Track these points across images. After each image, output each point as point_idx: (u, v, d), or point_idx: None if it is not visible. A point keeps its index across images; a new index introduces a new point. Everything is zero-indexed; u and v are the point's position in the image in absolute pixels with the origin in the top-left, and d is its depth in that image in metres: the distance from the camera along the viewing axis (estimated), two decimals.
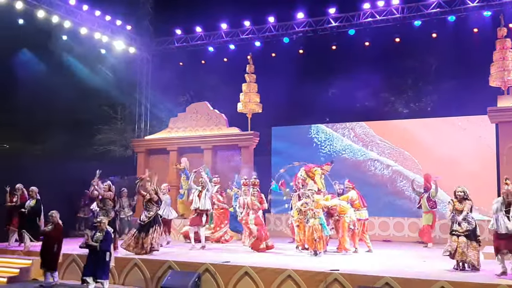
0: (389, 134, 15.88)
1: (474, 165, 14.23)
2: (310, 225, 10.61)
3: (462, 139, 14.73)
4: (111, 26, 17.54)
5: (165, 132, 17.61)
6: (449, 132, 15.01)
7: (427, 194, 12.70)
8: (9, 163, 14.16)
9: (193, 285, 9.10)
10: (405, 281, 7.92)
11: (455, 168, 14.30)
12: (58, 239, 9.83)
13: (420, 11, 15.35)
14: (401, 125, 15.94)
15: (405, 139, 15.56)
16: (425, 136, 15.24)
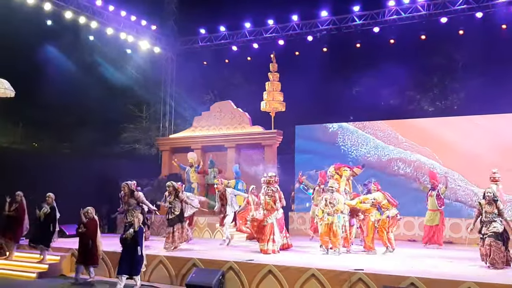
0: (414, 133, 15.64)
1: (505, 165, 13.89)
2: (326, 222, 10.63)
3: (490, 138, 14.37)
4: (136, 26, 17.77)
5: (189, 130, 17.74)
6: (476, 130, 14.66)
7: (435, 192, 12.27)
8: (38, 162, 14.43)
9: (217, 283, 9.14)
10: (431, 281, 7.80)
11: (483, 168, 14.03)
12: (93, 235, 10.02)
13: (446, 7, 15.12)
14: (427, 124, 15.69)
15: (431, 138, 15.29)
16: (451, 135, 14.91)
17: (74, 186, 13.27)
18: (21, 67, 16.47)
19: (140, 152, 20.52)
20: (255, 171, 14.58)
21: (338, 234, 10.55)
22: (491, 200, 8.76)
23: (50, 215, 11.05)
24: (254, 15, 17.73)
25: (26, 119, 19.47)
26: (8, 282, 10.37)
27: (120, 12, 17.11)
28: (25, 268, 11.10)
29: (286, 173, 16.38)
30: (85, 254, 10.08)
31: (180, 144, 17.49)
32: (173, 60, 19.44)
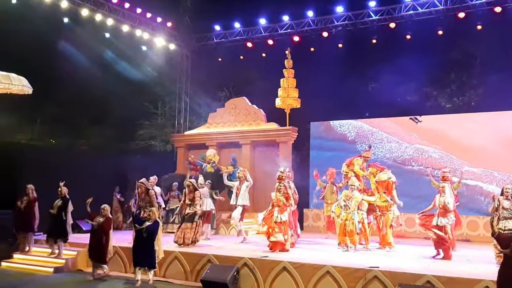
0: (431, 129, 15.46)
1: None
2: (342, 218, 10.61)
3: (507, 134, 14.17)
4: (151, 23, 17.85)
5: (204, 127, 17.78)
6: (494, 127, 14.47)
7: None
8: (55, 158, 14.58)
9: (232, 279, 9.18)
10: (448, 279, 7.74)
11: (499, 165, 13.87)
12: (107, 232, 10.12)
13: (464, 2, 14.89)
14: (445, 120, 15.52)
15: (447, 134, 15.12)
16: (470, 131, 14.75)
17: (91, 182, 13.38)
18: (39, 65, 16.69)
19: (156, 149, 20.64)
20: (271, 168, 14.60)
21: (354, 231, 10.51)
22: (510, 196, 8.65)
23: (62, 206, 11.18)
24: (269, 11, 17.68)
25: (43, 116, 19.74)
26: (25, 277, 10.52)
27: (136, 9, 17.19)
28: (42, 263, 11.27)
29: (301, 170, 16.35)
30: (95, 251, 10.16)
31: (195, 141, 17.53)
32: (188, 57, 19.49)
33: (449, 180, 10.91)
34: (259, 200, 15.02)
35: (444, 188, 9.94)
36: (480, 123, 14.63)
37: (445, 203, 9.68)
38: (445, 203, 9.68)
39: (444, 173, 10.72)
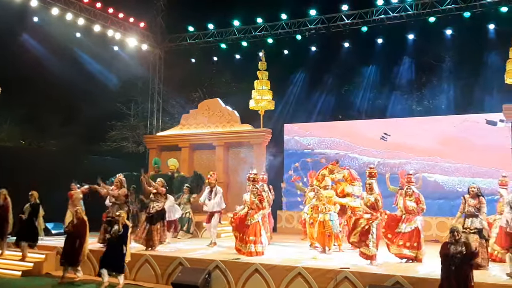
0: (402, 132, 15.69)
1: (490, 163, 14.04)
2: (320, 219, 10.65)
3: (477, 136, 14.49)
4: (124, 23, 17.65)
5: (177, 128, 17.67)
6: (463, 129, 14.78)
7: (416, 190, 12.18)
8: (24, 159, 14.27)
9: (204, 282, 9.11)
10: (417, 280, 7.85)
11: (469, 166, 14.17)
12: (82, 235, 9.93)
13: (434, 7, 15.18)
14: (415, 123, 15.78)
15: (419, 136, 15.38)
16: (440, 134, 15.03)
17: (61, 184, 13.12)
18: (8, 64, 16.32)
19: (128, 150, 20.41)
20: (244, 170, 14.54)
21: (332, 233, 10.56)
22: (474, 195, 8.84)
23: (33, 212, 10.98)
24: (243, 13, 17.69)
25: (13, 117, 19.31)
26: None
27: (108, 9, 16.97)
28: (11, 266, 10.98)
29: (275, 172, 16.38)
30: (70, 254, 9.96)
31: (168, 142, 17.41)
32: (161, 58, 19.33)
33: (375, 177, 10.45)
34: (233, 202, 14.94)
35: (372, 185, 9.55)
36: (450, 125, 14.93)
37: (376, 201, 9.33)
38: (375, 202, 9.33)
39: (371, 169, 10.23)
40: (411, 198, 9.50)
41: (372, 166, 10.41)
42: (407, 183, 9.71)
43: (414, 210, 9.43)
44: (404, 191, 9.66)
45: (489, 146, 13.80)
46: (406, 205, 9.45)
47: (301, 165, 15.65)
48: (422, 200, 9.53)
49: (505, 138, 13.33)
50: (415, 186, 9.90)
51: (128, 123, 20.74)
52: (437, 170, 14.47)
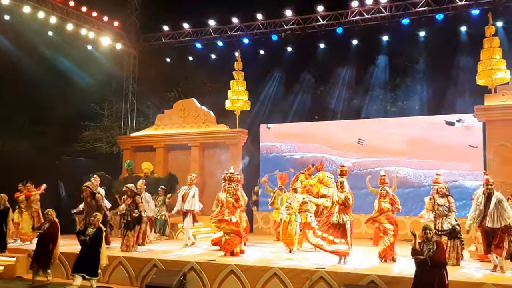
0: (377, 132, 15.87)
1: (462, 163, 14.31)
2: (285, 220, 10.68)
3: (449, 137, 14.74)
4: (97, 22, 17.40)
5: (152, 129, 17.49)
6: (436, 130, 15.03)
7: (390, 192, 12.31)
8: None
9: (179, 284, 9.05)
10: (391, 279, 7.94)
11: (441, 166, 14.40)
12: (54, 237, 9.72)
13: (408, 9, 15.37)
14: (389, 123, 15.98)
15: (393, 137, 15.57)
16: (413, 134, 15.25)
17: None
18: None
19: (102, 151, 20.09)
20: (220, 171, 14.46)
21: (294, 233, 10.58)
22: (443, 194, 8.96)
23: (1, 216, 10.71)
24: (219, 13, 17.58)
25: None
26: None
27: (81, 7, 16.69)
28: None
29: (251, 173, 16.36)
30: (41, 257, 9.75)
31: (142, 143, 17.23)
32: (136, 57, 19.10)
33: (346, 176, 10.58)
34: (209, 203, 14.85)
35: (343, 184, 9.54)
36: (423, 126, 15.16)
37: (346, 199, 9.38)
38: (344, 199, 9.38)
39: (343, 167, 10.19)
40: (385, 199, 9.57)
41: (343, 164, 10.46)
42: (381, 185, 9.80)
43: (389, 211, 9.50)
44: (378, 192, 9.73)
45: (451, 143, 14.40)
46: (381, 206, 9.52)
47: (270, 169, 15.73)
48: (397, 201, 9.62)
49: (463, 136, 14.03)
50: (390, 189, 9.99)
51: (102, 123, 20.40)
52: (405, 165, 14.93)
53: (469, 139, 14.29)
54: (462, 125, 14.41)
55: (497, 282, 7.47)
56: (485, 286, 7.44)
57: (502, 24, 14.58)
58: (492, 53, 13.31)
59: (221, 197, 10.78)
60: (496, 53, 13.33)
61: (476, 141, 14.04)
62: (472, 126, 14.19)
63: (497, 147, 12.90)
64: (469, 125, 14.29)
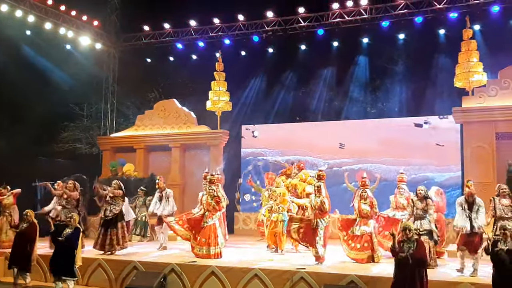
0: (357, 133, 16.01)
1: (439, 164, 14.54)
2: (272, 219, 10.71)
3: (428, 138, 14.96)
4: (76, 21, 17.19)
5: (132, 129, 17.36)
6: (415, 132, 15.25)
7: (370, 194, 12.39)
8: None
9: (159, 286, 8.99)
10: (370, 279, 8.02)
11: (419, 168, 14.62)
12: (32, 238, 9.56)
13: (387, 12, 15.53)
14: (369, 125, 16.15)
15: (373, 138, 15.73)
16: (392, 136, 15.44)
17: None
18: None
19: (81, 152, 19.85)
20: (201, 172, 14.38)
21: (282, 233, 10.63)
22: (422, 197, 9.08)
23: None
24: (200, 13, 17.51)
25: None
26: None
27: (60, 6, 16.47)
28: None
29: (232, 174, 16.35)
30: (18, 258, 9.58)
31: (122, 144, 17.08)
32: (116, 57, 18.92)
33: (324, 180, 10.59)
34: (190, 204, 14.82)
35: (320, 188, 9.56)
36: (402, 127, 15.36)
37: (321, 203, 9.39)
38: (321, 204, 9.39)
39: (320, 172, 10.22)
40: (366, 201, 9.68)
41: (321, 169, 10.54)
42: (362, 187, 9.89)
43: (368, 213, 9.61)
44: (359, 194, 9.81)
45: (420, 143, 14.91)
46: (360, 208, 9.61)
47: (254, 169, 15.77)
48: (375, 204, 9.74)
49: (430, 136, 14.78)
50: (373, 186, 10.27)
51: (81, 124, 20.16)
52: (381, 164, 15.32)
53: (436, 138, 14.79)
54: (429, 126, 14.92)
55: (474, 281, 7.58)
56: (463, 285, 7.55)
57: (480, 28, 14.83)
58: (470, 56, 13.55)
59: (200, 197, 10.73)
60: (473, 56, 13.58)
61: (441, 140, 14.65)
62: (438, 127, 14.81)
63: (474, 148, 13.14)
64: (435, 126, 14.84)
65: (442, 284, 7.65)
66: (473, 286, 7.45)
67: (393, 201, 10.45)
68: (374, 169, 14.68)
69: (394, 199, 10.44)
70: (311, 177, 11.49)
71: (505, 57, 13.80)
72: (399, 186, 10.48)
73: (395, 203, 10.39)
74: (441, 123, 14.75)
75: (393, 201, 10.44)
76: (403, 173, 10.71)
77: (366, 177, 10.11)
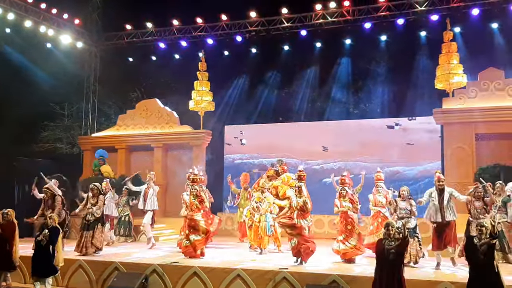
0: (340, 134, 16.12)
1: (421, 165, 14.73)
2: (256, 220, 10.74)
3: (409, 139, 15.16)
4: (57, 20, 16.95)
5: (113, 129, 17.21)
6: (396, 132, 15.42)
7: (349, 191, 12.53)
8: None
9: (140, 287, 8.90)
10: (352, 278, 8.06)
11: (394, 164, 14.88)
12: (11, 238, 9.38)
13: (370, 13, 15.65)
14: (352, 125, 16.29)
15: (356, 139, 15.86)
16: (374, 136, 15.60)
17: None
18: None
19: (62, 152, 19.60)
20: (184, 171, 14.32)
21: (265, 234, 10.65)
22: (405, 197, 9.20)
23: None
24: (183, 13, 17.42)
25: None
26: None
27: (40, 4, 16.23)
28: None
29: (215, 174, 16.31)
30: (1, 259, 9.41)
31: (104, 144, 16.90)
32: (97, 56, 18.71)
33: (305, 180, 10.64)
34: (172, 204, 14.76)
35: (301, 188, 9.58)
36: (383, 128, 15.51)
37: (304, 203, 9.40)
38: (302, 204, 9.39)
39: (300, 172, 10.24)
40: (345, 199, 9.77)
41: (300, 169, 10.61)
42: (341, 185, 10.00)
43: (349, 209, 9.69)
44: (338, 192, 9.91)
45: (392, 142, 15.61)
46: (342, 205, 9.69)
47: (233, 171, 15.78)
48: (356, 200, 9.84)
49: (401, 136, 15.62)
50: (357, 186, 10.53)
51: (62, 123, 19.89)
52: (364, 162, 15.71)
53: (407, 138, 15.51)
54: (400, 128, 15.59)
55: (454, 280, 7.68)
56: (443, 284, 7.63)
57: (460, 30, 15.04)
58: (450, 58, 13.75)
59: (185, 198, 10.68)
60: (453, 58, 13.78)
61: (412, 139, 15.45)
62: (408, 128, 15.55)
63: (454, 149, 13.33)
64: (406, 127, 15.52)
65: (422, 283, 7.72)
66: (453, 285, 7.52)
67: (372, 200, 10.56)
68: (353, 167, 14.82)
69: (373, 197, 10.55)
70: (293, 179, 11.49)
71: (485, 59, 14.05)
72: (377, 185, 10.61)
73: (374, 201, 10.50)
74: (409, 124, 15.53)
75: (372, 200, 10.55)
76: (380, 172, 10.84)
77: (346, 175, 10.20)
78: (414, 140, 15.41)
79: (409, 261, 8.71)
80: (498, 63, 14.01)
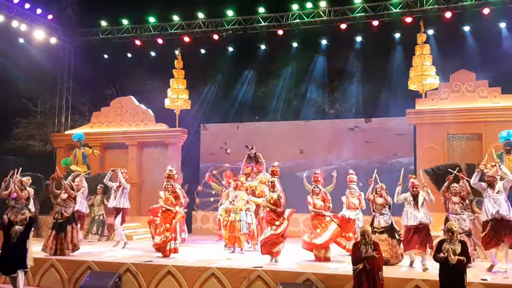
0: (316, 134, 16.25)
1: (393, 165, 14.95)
2: (231, 219, 10.78)
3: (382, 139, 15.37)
4: (30, 15, 16.60)
5: (87, 126, 16.99)
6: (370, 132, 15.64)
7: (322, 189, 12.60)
8: None
9: (113, 286, 8.83)
10: (325, 276, 8.14)
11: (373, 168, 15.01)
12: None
13: (345, 14, 15.80)
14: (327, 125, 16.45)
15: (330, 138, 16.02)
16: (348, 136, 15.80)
17: None
18: None
19: (34, 149, 19.27)
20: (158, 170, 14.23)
21: (241, 232, 10.69)
22: (381, 195, 9.32)
23: None
24: (159, 10, 17.29)
25: None
26: None
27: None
28: None
29: (190, 172, 16.25)
30: None
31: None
32: (71, 52, 18.41)
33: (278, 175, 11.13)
34: (146, 202, 14.63)
35: (274, 183, 9.73)
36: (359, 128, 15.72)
37: (278, 197, 9.52)
38: (277, 199, 9.50)
39: (274, 167, 10.46)
40: (318, 196, 9.88)
41: (274, 165, 10.67)
42: (314, 182, 10.10)
43: (321, 207, 9.81)
44: (311, 189, 10.01)
45: None
46: (314, 203, 9.79)
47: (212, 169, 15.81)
48: (328, 199, 9.96)
49: (362, 136, 16.08)
50: (329, 186, 10.49)
51: (35, 120, 19.55)
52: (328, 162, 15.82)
53: (366, 137, 15.99)
54: (359, 129, 16.22)
55: (425, 278, 7.82)
56: (414, 281, 7.77)
57: (433, 32, 15.33)
58: (423, 59, 14.00)
59: (161, 195, 10.66)
60: (426, 60, 14.03)
61: (370, 138, 15.99)
62: (367, 129, 16.18)
63: (426, 149, 13.59)
64: (364, 128, 16.18)
65: (394, 280, 7.83)
66: (424, 282, 7.66)
67: (345, 202, 10.67)
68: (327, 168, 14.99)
69: (346, 199, 10.65)
70: None
71: (457, 61, 14.35)
72: (350, 187, 10.73)
73: (348, 203, 10.61)
74: (366, 126, 16.17)
75: (346, 202, 10.65)
76: (353, 173, 10.96)
77: (319, 173, 10.32)
78: (372, 139, 15.94)
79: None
80: (470, 65, 14.32)
